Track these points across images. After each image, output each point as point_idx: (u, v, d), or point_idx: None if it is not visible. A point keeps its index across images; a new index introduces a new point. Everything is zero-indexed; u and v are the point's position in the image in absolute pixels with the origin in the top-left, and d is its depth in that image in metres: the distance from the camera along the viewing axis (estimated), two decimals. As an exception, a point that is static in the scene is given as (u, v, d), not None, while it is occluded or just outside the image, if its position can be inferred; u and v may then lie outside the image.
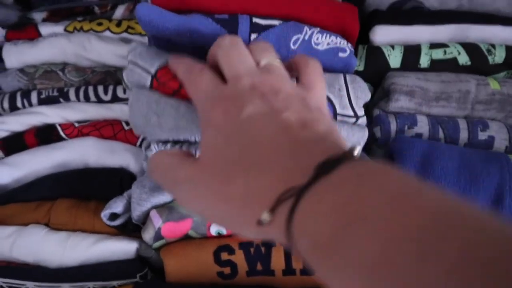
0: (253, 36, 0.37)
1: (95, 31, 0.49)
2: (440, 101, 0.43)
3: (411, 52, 0.45)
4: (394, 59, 0.45)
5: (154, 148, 0.37)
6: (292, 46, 0.38)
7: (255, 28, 0.37)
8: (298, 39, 0.38)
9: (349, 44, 0.39)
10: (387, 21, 0.46)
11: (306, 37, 0.38)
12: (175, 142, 0.37)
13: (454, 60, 0.45)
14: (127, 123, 0.46)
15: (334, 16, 0.40)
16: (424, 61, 0.45)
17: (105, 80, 0.48)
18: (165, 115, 0.35)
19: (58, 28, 0.50)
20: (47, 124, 0.46)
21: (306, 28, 0.38)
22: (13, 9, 0.53)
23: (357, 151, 0.21)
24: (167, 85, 0.36)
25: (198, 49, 0.38)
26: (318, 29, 0.38)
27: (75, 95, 0.47)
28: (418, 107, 0.44)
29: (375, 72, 0.46)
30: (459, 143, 0.43)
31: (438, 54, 0.45)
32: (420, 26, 0.46)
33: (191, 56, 0.33)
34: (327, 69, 0.37)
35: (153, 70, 0.36)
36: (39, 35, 0.50)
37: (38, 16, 0.52)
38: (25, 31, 0.50)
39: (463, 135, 0.43)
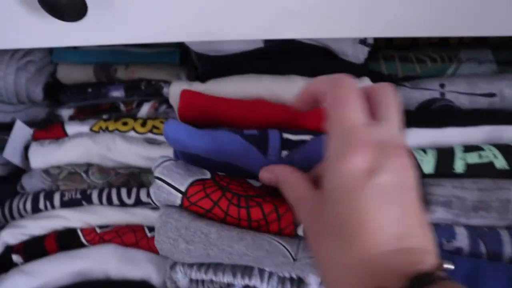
0: (284, 153, 0.36)
1: (120, 131, 0.49)
2: (479, 211, 0.41)
3: (445, 157, 0.44)
4: (427, 164, 0.43)
5: (179, 271, 0.35)
6: None
7: (286, 144, 0.36)
8: None
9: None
10: (417, 124, 0.45)
11: None
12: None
13: (491, 164, 0.43)
14: (150, 229, 0.45)
15: None
16: (458, 166, 0.43)
17: (129, 182, 0.47)
18: (195, 242, 0.33)
19: (84, 128, 0.50)
20: (68, 228, 0.45)
21: None
22: (42, 105, 0.54)
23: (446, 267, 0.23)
24: (198, 205, 0.35)
25: (226, 164, 0.37)
26: None
27: (98, 198, 0.46)
28: (455, 218, 0.41)
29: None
30: (503, 258, 0.40)
31: (473, 158, 0.43)
32: (452, 128, 0.45)
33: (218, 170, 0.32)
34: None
35: (183, 189, 0.35)
36: (65, 134, 0.50)
37: (65, 113, 0.53)
38: (51, 130, 0.50)
39: (507, 249, 0.40)
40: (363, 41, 0.46)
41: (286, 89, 0.41)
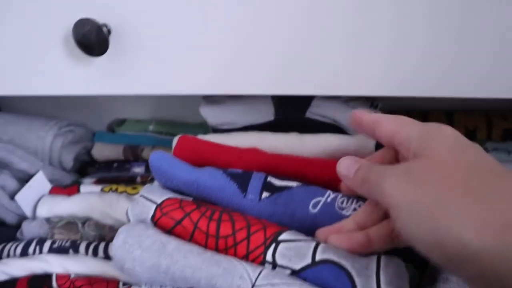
0: (265, 194, 0.34)
1: (128, 193, 0.50)
2: None
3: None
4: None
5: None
6: (311, 209, 0.33)
7: (269, 187, 0.34)
8: (318, 201, 0.33)
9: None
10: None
11: (329, 200, 0.33)
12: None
13: None
14: (124, 283, 0.41)
15: None
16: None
17: (121, 238, 0.45)
18: (151, 250, 0.31)
19: (96, 188, 0.52)
20: (46, 272, 0.42)
21: (329, 191, 0.34)
22: (70, 173, 0.57)
23: None
24: (169, 215, 0.33)
25: (206, 201, 0.35)
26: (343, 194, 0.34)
27: (85, 249, 0.44)
28: None
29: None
30: None
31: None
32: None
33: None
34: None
35: (159, 201, 0.34)
36: (78, 192, 0.52)
37: (87, 181, 0.56)
38: (67, 189, 0.52)
39: None
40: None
41: (282, 141, 0.41)
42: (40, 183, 0.51)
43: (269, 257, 0.30)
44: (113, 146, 0.59)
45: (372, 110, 0.45)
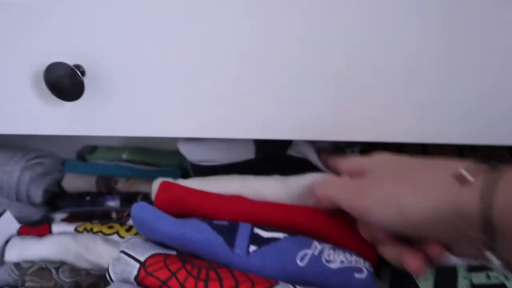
0: (252, 248, 0.33)
1: (104, 233, 0.48)
2: None
3: (445, 276, 0.39)
4: (424, 283, 0.38)
5: None
6: (299, 263, 0.33)
7: (256, 239, 0.34)
8: (306, 254, 0.33)
9: (367, 264, 0.34)
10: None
11: (316, 253, 0.33)
12: None
13: (502, 286, 0.37)
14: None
15: (351, 235, 0.35)
16: (463, 286, 0.38)
17: (97, 285, 0.43)
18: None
19: (70, 228, 0.49)
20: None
21: (315, 243, 0.34)
22: (39, 208, 0.54)
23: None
24: (154, 275, 0.31)
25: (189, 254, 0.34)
26: (331, 245, 0.34)
27: (59, 298, 0.42)
28: None
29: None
30: None
31: (479, 278, 0.38)
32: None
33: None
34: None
35: (143, 259, 0.33)
36: (50, 233, 0.49)
37: (58, 216, 0.53)
38: (37, 228, 0.49)
39: None
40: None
41: (267, 186, 0.41)
42: (7, 223, 0.48)
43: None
44: (85, 177, 0.57)
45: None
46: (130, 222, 0.51)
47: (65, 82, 0.34)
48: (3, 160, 0.52)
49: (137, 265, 0.32)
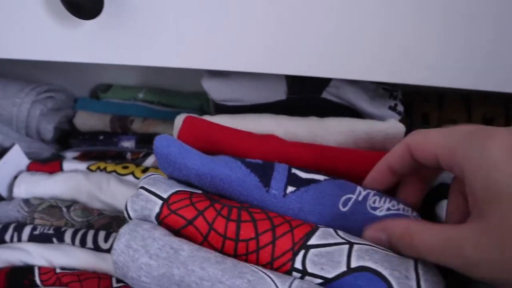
0: (290, 189, 0.29)
1: (118, 173, 0.45)
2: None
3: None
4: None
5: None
6: (341, 207, 0.29)
7: (294, 181, 0.30)
8: (349, 199, 0.29)
9: (415, 213, 0.30)
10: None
11: (360, 198, 0.29)
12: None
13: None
14: (118, 280, 0.36)
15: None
16: None
17: (110, 226, 0.40)
18: (159, 257, 0.26)
19: (82, 166, 0.46)
20: (27, 264, 0.37)
21: (359, 188, 0.30)
22: (49, 145, 0.51)
23: None
24: (179, 213, 0.28)
25: (217, 194, 0.31)
26: (375, 191, 0.30)
27: (71, 238, 0.39)
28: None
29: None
30: None
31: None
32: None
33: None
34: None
35: (166, 195, 0.29)
36: (61, 171, 0.46)
37: (69, 154, 0.50)
38: (48, 165, 0.46)
39: None
40: (393, 108, 0.43)
41: (301, 127, 0.37)
42: (16, 158, 0.45)
43: (298, 264, 0.26)
44: (99, 115, 0.53)
45: (392, 101, 0.41)
46: (146, 163, 0.48)
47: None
48: (12, 91, 0.48)
49: (160, 202, 0.29)
